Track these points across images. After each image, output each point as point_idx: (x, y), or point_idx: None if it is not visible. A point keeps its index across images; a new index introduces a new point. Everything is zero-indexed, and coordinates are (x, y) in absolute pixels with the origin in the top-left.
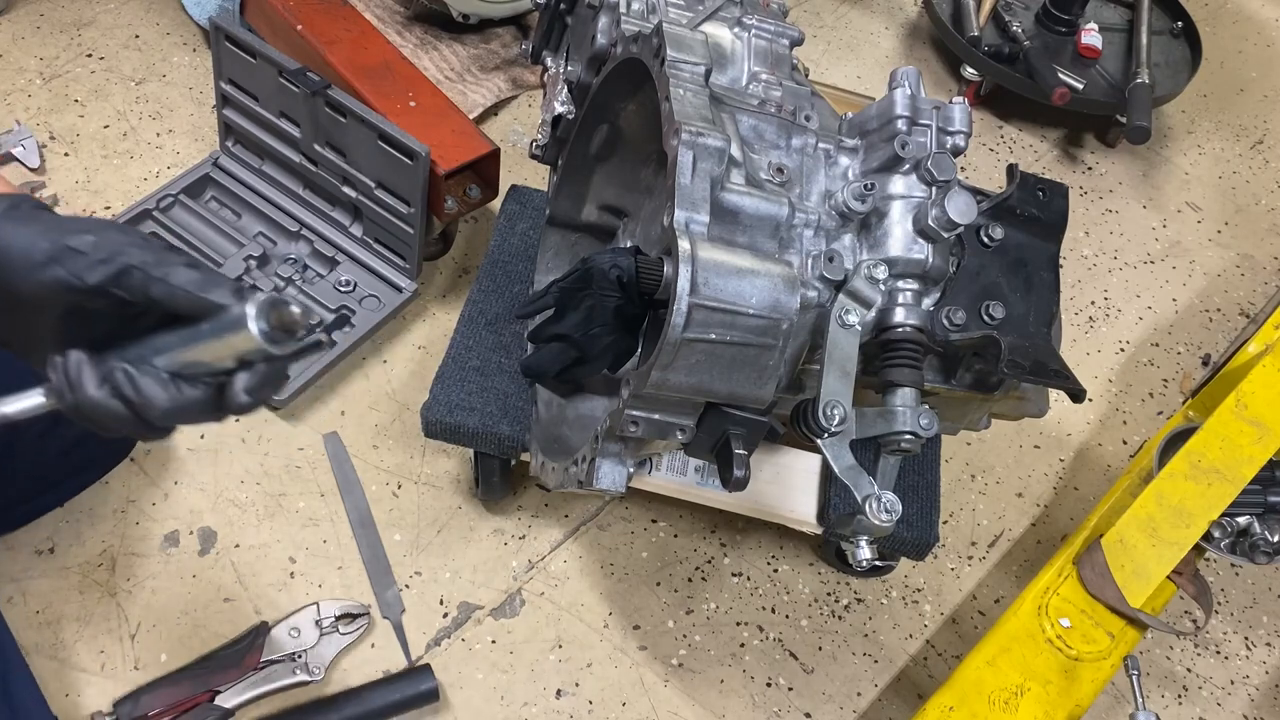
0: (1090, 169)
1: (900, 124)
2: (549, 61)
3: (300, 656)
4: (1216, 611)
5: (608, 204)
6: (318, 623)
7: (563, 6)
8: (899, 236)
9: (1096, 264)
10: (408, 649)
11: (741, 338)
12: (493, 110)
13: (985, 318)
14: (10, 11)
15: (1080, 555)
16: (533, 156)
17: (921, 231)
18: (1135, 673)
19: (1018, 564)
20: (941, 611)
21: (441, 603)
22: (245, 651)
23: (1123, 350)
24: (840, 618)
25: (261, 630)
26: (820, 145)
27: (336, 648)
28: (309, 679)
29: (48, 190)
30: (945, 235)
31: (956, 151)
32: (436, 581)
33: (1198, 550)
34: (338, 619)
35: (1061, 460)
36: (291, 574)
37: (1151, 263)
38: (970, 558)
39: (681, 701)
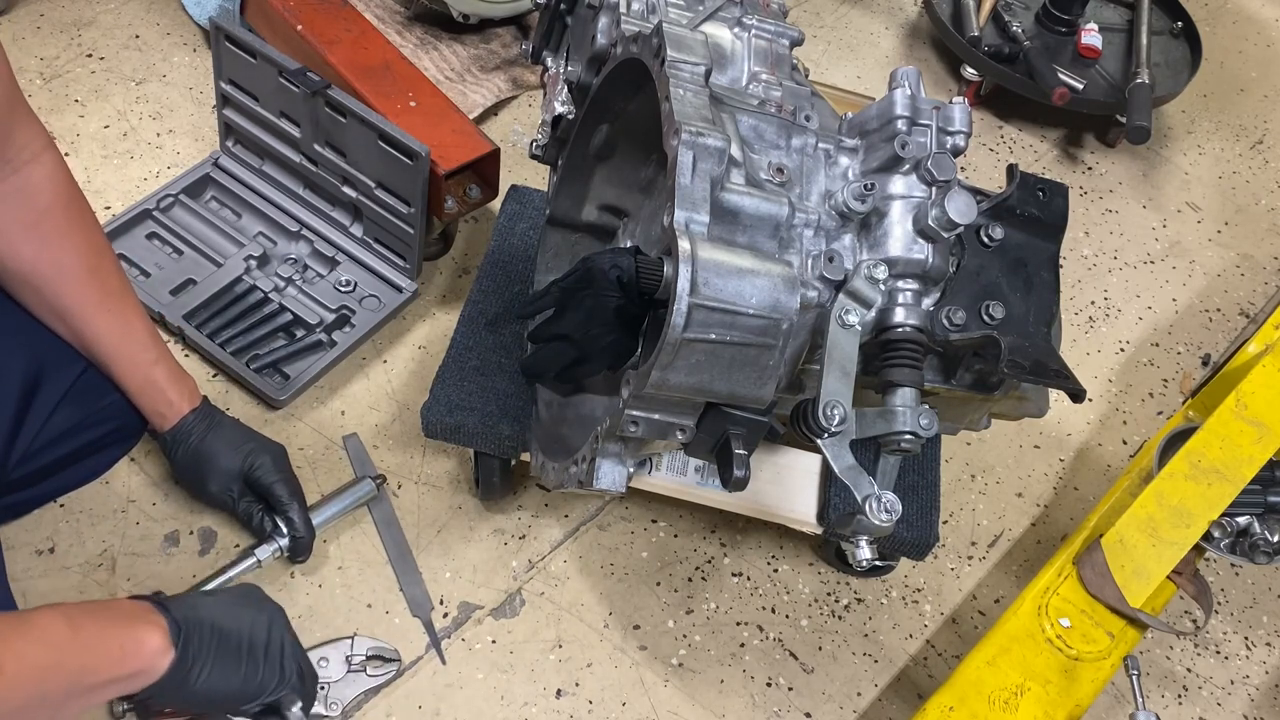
0: (1090, 169)
1: (900, 124)
2: (549, 61)
3: (323, 689)
4: (1216, 611)
5: (608, 204)
6: (348, 658)
7: (563, 6)
8: (899, 236)
9: (1096, 264)
10: (439, 646)
11: (741, 338)
12: (493, 110)
13: (985, 318)
14: (10, 11)
15: (1080, 555)
16: (533, 156)
17: (921, 231)
18: (1135, 673)
19: (1018, 564)
20: (941, 611)
21: (441, 602)
22: None
23: (1123, 350)
24: (840, 618)
25: None
26: (820, 145)
27: (360, 688)
28: (325, 714)
29: None
30: (945, 235)
31: (956, 151)
32: (436, 581)
33: (1198, 550)
34: (368, 659)
35: (1061, 460)
36: (292, 574)
37: (1151, 263)
38: (970, 558)
39: (681, 701)
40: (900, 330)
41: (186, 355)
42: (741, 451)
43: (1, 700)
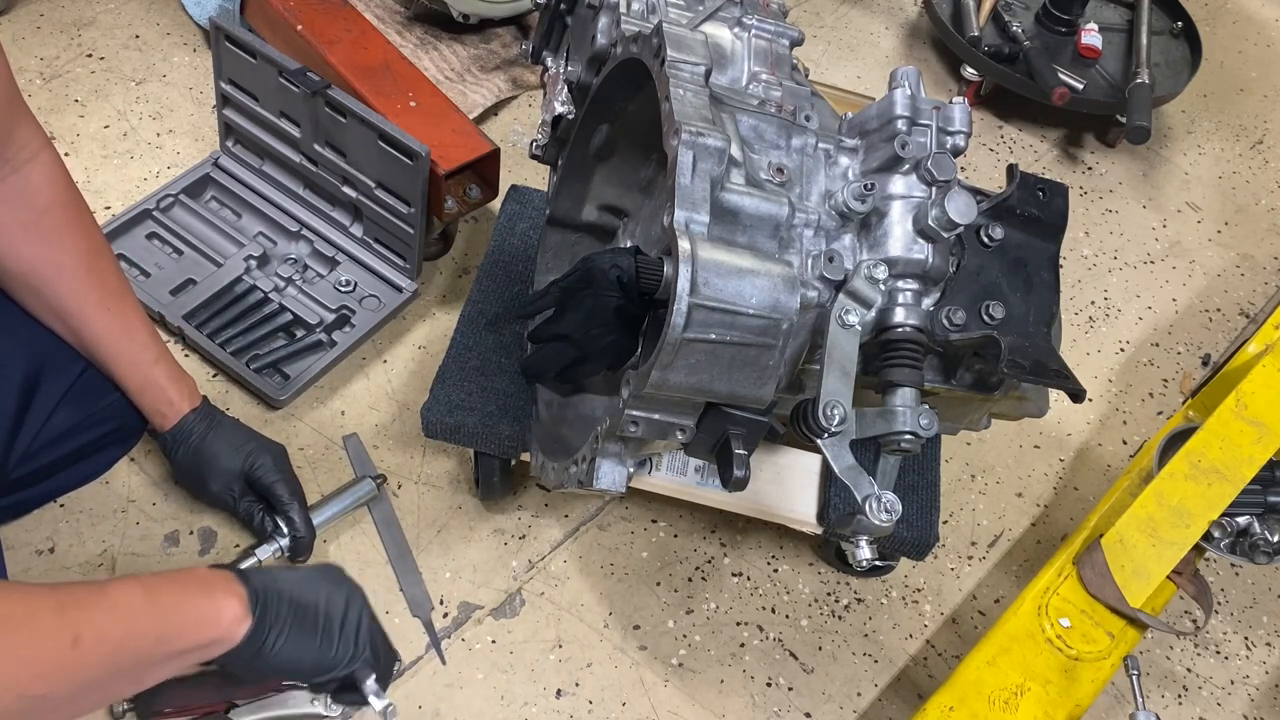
0: (1090, 169)
1: (900, 124)
2: (549, 61)
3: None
4: (1216, 611)
5: (608, 204)
6: None
7: (563, 6)
8: (899, 236)
9: (1096, 264)
10: (439, 646)
11: (741, 338)
12: (493, 110)
13: (985, 318)
14: (10, 11)
15: (1080, 555)
16: (533, 156)
17: (921, 231)
18: (1135, 673)
19: (1018, 564)
20: (941, 611)
21: (441, 603)
22: None
23: (1123, 350)
24: (840, 618)
25: None
26: (820, 145)
27: None
28: (324, 713)
29: None
30: (945, 235)
31: (956, 151)
32: (436, 581)
33: (1198, 550)
34: None
35: (1061, 460)
36: None
37: (1151, 263)
38: (970, 558)
39: (681, 701)
40: (900, 330)
41: (186, 355)
42: (741, 451)
43: (80, 671)
